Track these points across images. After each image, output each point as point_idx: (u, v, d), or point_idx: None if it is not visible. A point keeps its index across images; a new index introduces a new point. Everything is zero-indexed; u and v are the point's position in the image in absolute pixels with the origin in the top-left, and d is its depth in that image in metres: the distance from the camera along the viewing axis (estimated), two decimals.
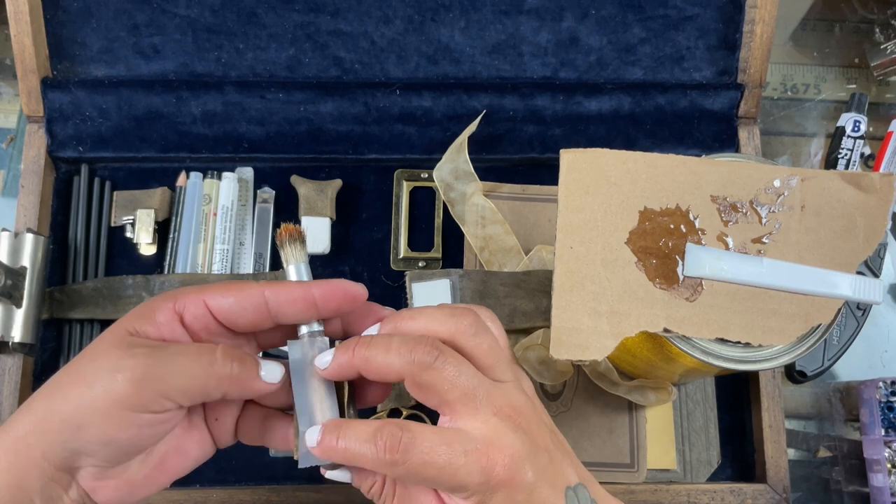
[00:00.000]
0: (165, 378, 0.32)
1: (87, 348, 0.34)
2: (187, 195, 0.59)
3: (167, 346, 0.33)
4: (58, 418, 0.32)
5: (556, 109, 0.60)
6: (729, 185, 0.41)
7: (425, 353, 0.33)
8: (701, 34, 0.61)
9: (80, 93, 0.58)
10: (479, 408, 0.33)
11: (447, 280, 0.56)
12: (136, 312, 0.34)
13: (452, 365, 0.33)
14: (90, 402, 0.31)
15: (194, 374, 0.33)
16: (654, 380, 0.52)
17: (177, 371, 0.32)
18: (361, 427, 0.33)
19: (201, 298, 0.34)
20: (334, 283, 0.35)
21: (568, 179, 0.41)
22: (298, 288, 0.34)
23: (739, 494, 0.54)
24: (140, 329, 0.34)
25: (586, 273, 0.40)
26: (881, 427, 0.56)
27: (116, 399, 0.31)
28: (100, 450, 0.32)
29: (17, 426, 0.32)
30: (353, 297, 0.35)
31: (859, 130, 0.65)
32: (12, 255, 0.54)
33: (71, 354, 0.56)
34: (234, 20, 0.59)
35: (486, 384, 0.33)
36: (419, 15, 0.60)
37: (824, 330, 0.40)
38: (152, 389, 0.32)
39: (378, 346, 0.34)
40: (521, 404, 0.34)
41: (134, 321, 0.34)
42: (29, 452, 0.32)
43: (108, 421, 0.32)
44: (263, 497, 0.53)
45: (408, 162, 0.61)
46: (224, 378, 0.33)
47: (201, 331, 0.35)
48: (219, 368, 0.33)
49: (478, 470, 0.32)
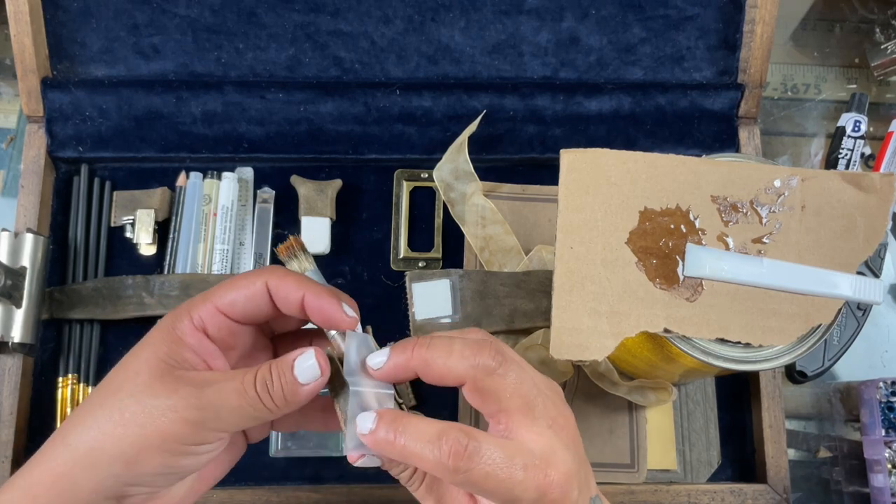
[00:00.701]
0: (219, 416, 0.32)
1: (121, 378, 0.33)
2: (187, 195, 0.58)
3: (212, 382, 0.32)
4: (107, 455, 0.31)
5: (556, 109, 0.60)
6: (729, 185, 0.41)
7: (490, 357, 0.32)
8: (701, 34, 0.61)
9: (80, 93, 0.58)
10: (537, 418, 0.32)
11: (447, 280, 0.55)
12: (165, 336, 0.33)
13: (515, 372, 0.32)
14: (143, 440, 0.31)
15: (244, 411, 0.32)
16: (654, 380, 0.52)
17: (227, 407, 0.32)
18: (424, 426, 0.32)
19: (213, 306, 0.34)
20: (325, 303, 0.34)
21: (568, 179, 0.41)
22: (295, 289, 0.34)
23: (740, 495, 0.54)
24: (177, 356, 0.33)
25: (586, 273, 0.40)
26: (881, 427, 0.56)
27: (172, 437, 0.31)
28: (154, 479, 0.33)
29: (55, 462, 0.31)
30: (334, 325, 0.35)
31: (859, 130, 0.64)
32: (12, 255, 0.54)
33: (71, 354, 0.56)
34: (234, 20, 0.59)
35: (543, 395, 0.33)
36: (419, 15, 0.60)
37: (824, 330, 0.40)
38: (208, 428, 0.32)
39: (439, 347, 0.33)
40: (568, 416, 0.34)
41: (167, 346, 0.33)
42: (74, 490, 0.31)
43: (165, 455, 0.31)
44: (263, 497, 0.53)
45: (408, 162, 0.61)
46: (270, 406, 0.33)
47: (226, 337, 0.35)
48: (265, 399, 0.32)
49: (534, 486, 0.31)
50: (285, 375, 0.32)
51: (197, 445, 0.32)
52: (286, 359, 0.33)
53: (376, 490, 0.53)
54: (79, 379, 0.55)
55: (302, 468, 0.55)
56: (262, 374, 0.32)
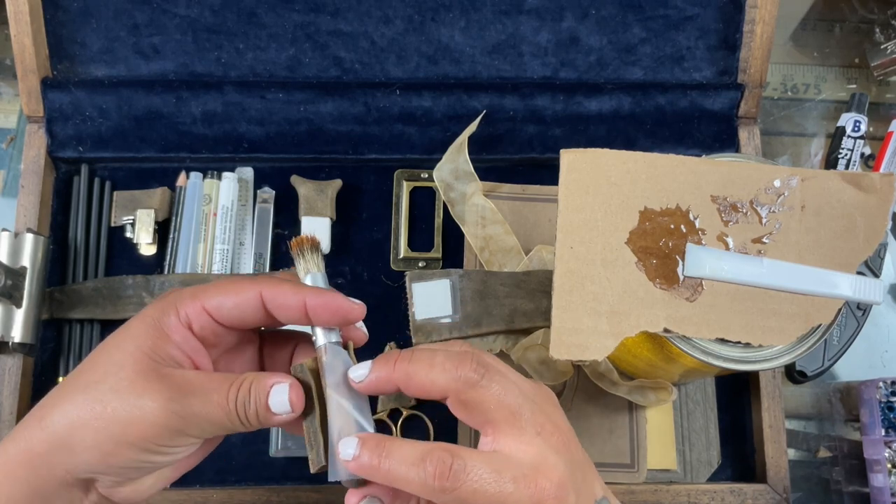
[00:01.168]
0: (200, 425, 0.32)
1: (103, 368, 0.32)
2: (187, 195, 0.58)
3: (198, 390, 0.32)
4: (84, 444, 0.31)
5: (556, 109, 0.60)
6: (729, 185, 0.41)
7: (472, 369, 0.32)
8: (701, 34, 0.61)
9: (80, 93, 0.58)
10: (524, 427, 0.32)
11: (447, 280, 0.55)
12: (150, 331, 0.33)
13: (498, 383, 0.32)
14: (121, 437, 0.31)
15: (223, 424, 0.33)
16: (654, 380, 0.52)
17: (209, 420, 0.32)
18: (408, 448, 0.31)
19: (200, 305, 0.34)
20: (328, 298, 0.34)
21: (568, 179, 0.41)
22: (293, 295, 0.34)
23: (740, 495, 0.54)
24: (162, 352, 0.33)
25: (586, 273, 0.40)
26: (881, 427, 0.56)
27: (150, 438, 0.31)
28: (126, 472, 0.33)
29: (31, 442, 0.32)
30: (345, 315, 0.34)
31: (859, 130, 0.64)
32: (12, 255, 0.54)
33: (71, 354, 0.56)
34: (234, 20, 0.59)
35: (529, 402, 0.33)
36: (419, 15, 0.60)
37: (824, 330, 0.40)
38: (187, 434, 0.32)
39: (421, 361, 0.33)
40: (558, 420, 0.34)
41: (151, 341, 0.33)
42: (50, 469, 0.32)
43: (140, 452, 0.32)
44: (263, 497, 0.53)
45: (408, 162, 0.61)
46: (246, 424, 0.33)
47: (210, 336, 0.34)
48: (241, 417, 0.33)
49: (527, 497, 0.31)
50: (260, 401, 0.33)
51: (173, 447, 0.32)
52: (264, 383, 0.33)
53: None
54: None
55: (302, 468, 0.55)
56: (241, 396, 0.32)
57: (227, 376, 0.33)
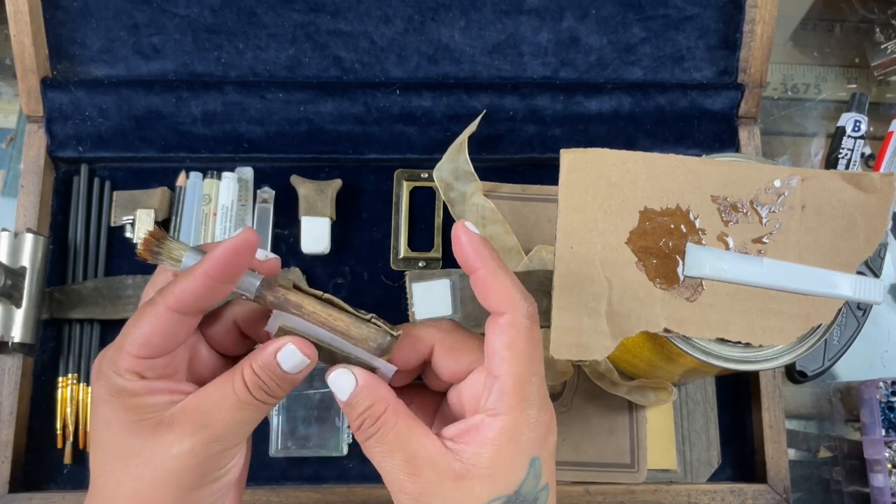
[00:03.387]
0: (227, 434, 0.32)
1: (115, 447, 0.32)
2: (187, 195, 0.58)
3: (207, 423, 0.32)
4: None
5: (556, 109, 0.60)
6: (729, 185, 0.41)
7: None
8: (701, 34, 0.61)
9: (80, 93, 0.58)
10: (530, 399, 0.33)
11: (447, 280, 0.55)
12: (114, 401, 0.32)
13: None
14: (178, 490, 0.32)
15: (251, 421, 0.33)
16: (654, 380, 0.52)
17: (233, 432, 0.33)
18: None
19: (128, 355, 0.32)
20: (218, 251, 0.31)
21: (568, 179, 0.41)
22: (192, 281, 0.31)
23: (740, 495, 0.54)
24: (142, 409, 0.32)
25: (586, 273, 0.40)
26: (881, 427, 0.56)
27: (199, 475, 0.32)
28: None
29: None
30: (245, 249, 0.31)
31: (860, 130, 0.64)
32: (12, 255, 0.54)
33: (71, 354, 0.56)
34: (234, 20, 0.59)
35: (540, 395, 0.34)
36: (419, 15, 0.60)
37: (824, 330, 0.40)
38: (227, 446, 0.33)
39: (504, 268, 0.34)
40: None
41: (124, 412, 0.32)
42: None
43: (204, 489, 0.33)
44: (263, 497, 0.53)
45: (408, 162, 0.61)
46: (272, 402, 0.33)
47: (160, 364, 0.33)
48: (266, 400, 0.33)
49: None
50: (275, 373, 0.32)
51: (223, 466, 0.33)
52: (266, 356, 0.32)
53: (376, 490, 0.53)
54: (79, 379, 0.55)
55: (302, 468, 0.55)
56: (252, 381, 0.32)
57: (222, 380, 0.33)
